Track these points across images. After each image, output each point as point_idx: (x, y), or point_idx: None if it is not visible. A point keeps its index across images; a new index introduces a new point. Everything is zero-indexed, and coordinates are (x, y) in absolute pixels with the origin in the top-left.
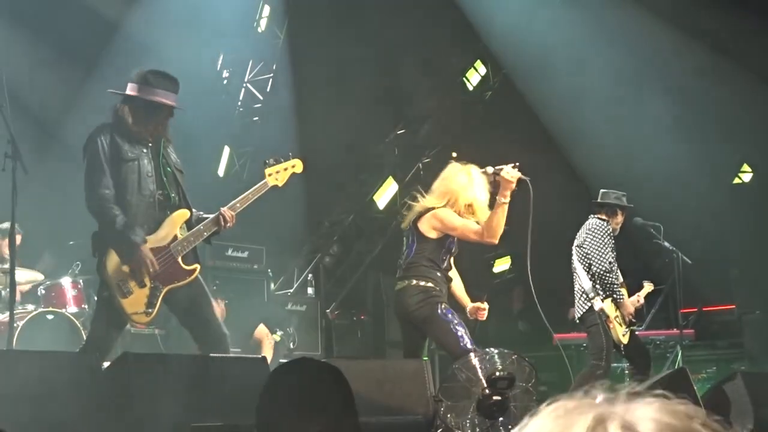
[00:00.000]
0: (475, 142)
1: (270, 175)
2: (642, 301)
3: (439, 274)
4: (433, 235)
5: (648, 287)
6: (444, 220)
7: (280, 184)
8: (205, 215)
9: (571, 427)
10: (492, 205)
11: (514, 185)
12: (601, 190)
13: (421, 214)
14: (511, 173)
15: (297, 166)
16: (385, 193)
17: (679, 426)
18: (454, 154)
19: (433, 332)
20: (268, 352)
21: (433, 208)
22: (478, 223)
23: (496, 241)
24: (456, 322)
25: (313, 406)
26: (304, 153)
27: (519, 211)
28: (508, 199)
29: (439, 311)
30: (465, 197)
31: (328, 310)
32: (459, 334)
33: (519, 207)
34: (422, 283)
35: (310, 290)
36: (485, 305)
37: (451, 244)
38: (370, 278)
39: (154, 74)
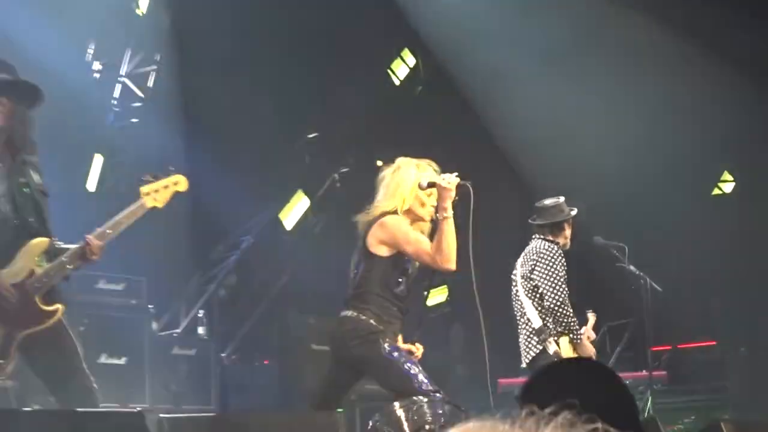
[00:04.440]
0: (403, 147)
1: (147, 194)
2: (593, 336)
3: (390, 304)
4: (383, 252)
5: (592, 318)
6: (395, 232)
7: (160, 206)
8: (64, 245)
9: None
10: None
11: (453, 194)
12: (536, 205)
13: (369, 225)
14: (447, 179)
15: (180, 183)
16: (293, 211)
17: None
18: (379, 163)
19: (378, 375)
20: None
21: (383, 215)
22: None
23: (453, 266)
24: (405, 360)
25: None
26: (193, 162)
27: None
28: (450, 213)
29: (383, 350)
30: (419, 195)
31: (223, 354)
32: (412, 373)
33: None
34: (363, 317)
35: (201, 330)
36: (419, 348)
37: (407, 262)
38: (275, 314)
39: None
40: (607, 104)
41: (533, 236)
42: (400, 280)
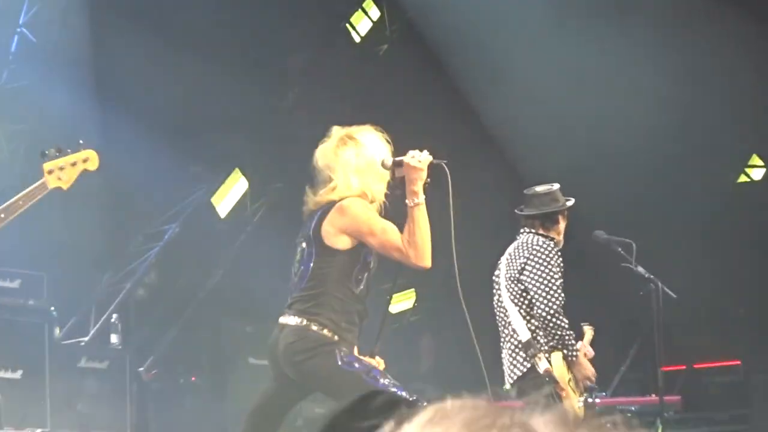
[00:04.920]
0: (364, 116)
1: (50, 172)
2: (591, 352)
3: (350, 307)
4: (342, 243)
5: (589, 332)
6: (358, 219)
7: (65, 186)
8: None
9: None
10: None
11: (425, 175)
12: (526, 192)
13: (324, 210)
14: (418, 157)
15: (90, 160)
16: (229, 194)
17: None
18: None
19: (336, 393)
20: None
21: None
22: None
23: (428, 263)
24: (368, 370)
25: None
26: (105, 132)
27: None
28: (422, 198)
29: (340, 361)
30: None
31: (141, 369)
32: (381, 385)
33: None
34: (314, 327)
35: (114, 338)
36: (380, 362)
37: (368, 255)
38: (205, 321)
39: None
40: (614, 75)
41: (521, 230)
42: (360, 277)
